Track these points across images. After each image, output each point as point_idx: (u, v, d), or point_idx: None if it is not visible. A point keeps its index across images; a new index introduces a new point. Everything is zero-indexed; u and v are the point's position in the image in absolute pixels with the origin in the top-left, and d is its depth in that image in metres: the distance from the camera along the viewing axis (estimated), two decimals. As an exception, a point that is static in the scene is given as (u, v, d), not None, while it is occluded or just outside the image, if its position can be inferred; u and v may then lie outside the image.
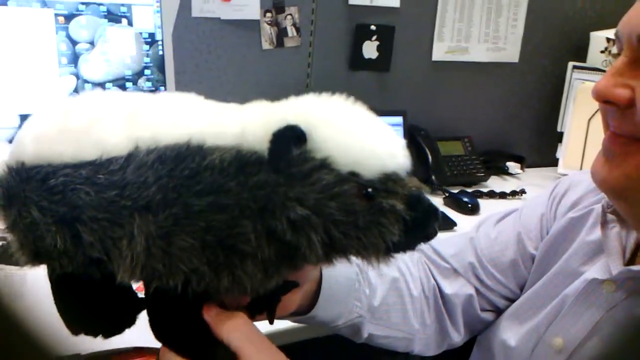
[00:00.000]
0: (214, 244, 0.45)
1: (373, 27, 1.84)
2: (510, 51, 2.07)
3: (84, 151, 0.47)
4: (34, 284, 0.99)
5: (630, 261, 0.71)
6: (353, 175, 0.44)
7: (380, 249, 0.46)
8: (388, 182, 0.45)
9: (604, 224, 0.73)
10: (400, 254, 0.48)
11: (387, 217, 0.45)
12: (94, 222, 0.46)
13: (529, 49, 2.09)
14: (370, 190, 0.44)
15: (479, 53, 2.03)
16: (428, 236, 0.47)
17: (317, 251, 0.45)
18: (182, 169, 0.45)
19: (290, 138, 0.44)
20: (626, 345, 0.54)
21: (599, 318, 0.70)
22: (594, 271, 0.73)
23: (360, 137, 0.45)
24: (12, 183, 0.49)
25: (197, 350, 0.50)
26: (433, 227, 0.47)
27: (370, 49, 1.86)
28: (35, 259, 0.50)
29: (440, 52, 1.97)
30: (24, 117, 1.33)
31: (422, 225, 0.46)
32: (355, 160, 0.44)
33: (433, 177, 1.80)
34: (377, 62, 1.88)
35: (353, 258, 0.48)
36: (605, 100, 0.62)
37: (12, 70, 1.32)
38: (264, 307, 0.56)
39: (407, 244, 0.47)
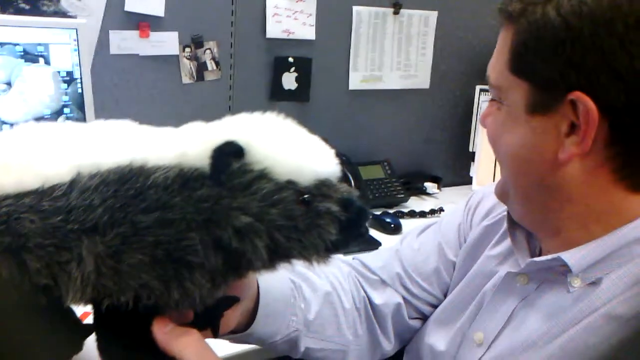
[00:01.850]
0: (163, 258, 0.47)
1: (291, 59, 1.91)
2: (421, 78, 2.18)
3: (26, 181, 0.48)
4: None
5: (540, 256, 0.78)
6: (290, 184, 0.48)
7: (320, 248, 0.50)
8: (322, 187, 0.49)
9: (511, 225, 0.81)
10: (338, 252, 0.51)
11: (324, 218, 0.49)
12: (40, 249, 0.47)
13: (438, 75, 2.21)
14: (307, 196, 0.48)
15: (392, 81, 2.13)
16: (361, 234, 0.52)
17: (262, 256, 0.48)
18: (126, 189, 0.47)
19: (229, 153, 0.47)
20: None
21: (512, 309, 0.76)
22: (507, 267, 0.80)
23: (294, 148, 0.50)
24: None
25: None
26: (365, 226, 0.51)
27: (289, 80, 1.92)
28: None
29: (355, 81, 2.06)
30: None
31: (355, 225, 0.51)
32: (291, 170, 0.48)
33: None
34: (296, 92, 1.94)
35: (294, 262, 0.51)
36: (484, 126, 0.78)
37: None
38: (208, 323, 0.58)
39: (344, 243, 0.51)
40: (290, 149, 0.50)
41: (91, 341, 0.56)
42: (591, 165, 0.66)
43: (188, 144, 0.49)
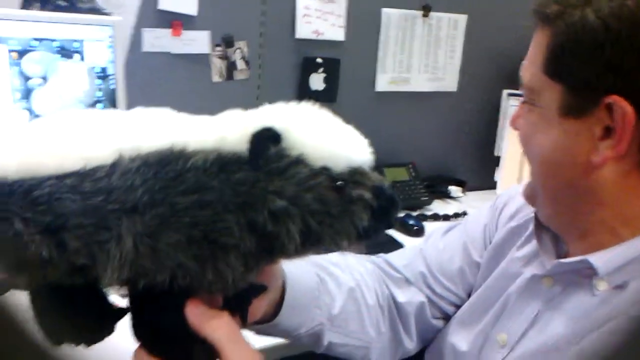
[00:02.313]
0: (200, 239, 0.48)
1: (319, 60, 1.93)
2: (448, 81, 2.19)
3: (68, 162, 0.49)
4: None
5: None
6: (325, 170, 0.49)
7: (351, 234, 0.51)
8: (355, 175, 0.51)
9: (538, 227, 0.81)
10: (368, 240, 0.53)
11: (357, 205, 0.50)
12: (80, 229, 0.48)
13: (466, 79, 2.21)
14: (340, 182, 0.50)
15: (419, 83, 2.13)
16: (391, 222, 0.53)
17: (296, 240, 0.49)
18: (166, 172, 0.48)
19: (267, 138, 0.49)
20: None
21: (537, 311, 0.76)
22: (533, 268, 0.80)
23: (329, 136, 0.51)
24: None
25: (176, 347, 0.53)
26: (395, 215, 0.52)
27: (317, 81, 1.94)
28: (16, 270, 0.52)
29: (383, 82, 2.07)
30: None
31: (386, 212, 0.52)
32: (326, 156, 0.50)
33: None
34: (323, 93, 1.95)
35: (326, 247, 0.53)
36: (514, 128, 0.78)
37: (-35, 105, 1.33)
38: (236, 310, 0.59)
39: (375, 230, 0.52)
40: (326, 137, 0.51)
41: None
42: (625, 169, 0.67)
43: (227, 130, 0.51)
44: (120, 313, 0.58)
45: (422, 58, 2.11)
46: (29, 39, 1.39)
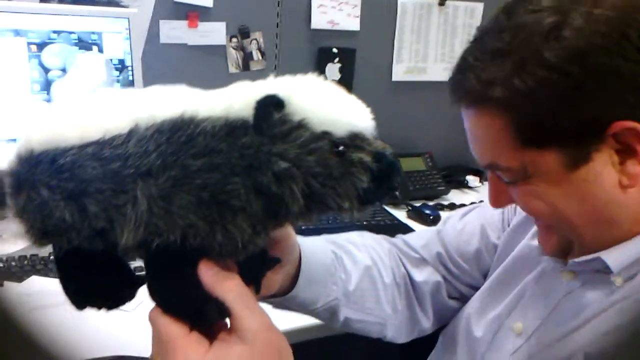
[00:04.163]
0: (209, 200, 0.50)
1: (335, 50, 1.93)
2: (465, 70, 2.17)
3: (89, 133, 0.52)
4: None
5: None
6: (326, 134, 0.51)
7: (352, 196, 0.52)
8: (356, 139, 0.52)
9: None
10: (370, 204, 0.54)
11: (357, 167, 0.52)
12: (99, 193, 0.51)
13: (482, 68, 2.19)
14: (341, 147, 0.51)
15: (436, 72, 2.13)
16: (392, 187, 0.54)
17: (299, 201, 0.51)
18: (178, 136, 0.51)
19: (270, 104, 0.51)
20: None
21: (556, 303, 0.76)
22: (551, 259, 0.79)
23: (331, 102, 0.53)
24: (22, 170, 0.54)
25: (189, 306, 0.54)
26: (396, 179, 0.53)
27: (332, 71, 1.95)
28: (43, 237, 0.55)
29: (399, 72, 2.07)
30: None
31: (387, 176, 0.53)
32: (327, 121, 0.51)
33: (396, 192, 1.87)
34: (339, 83, 1.91)
35: (329, 210, 0.54)
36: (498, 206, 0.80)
37: (-14, 97, 1.35)
38: (250, 280, 0.60)
39: (375, 193, 0.53)
40: (327, 103, 0.52)
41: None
42: None
43: (234, 98, 0.53)
44: (140, 280, 0.60)
45: (438, 47, 2.10)
46: (48, 32, 1.41)
